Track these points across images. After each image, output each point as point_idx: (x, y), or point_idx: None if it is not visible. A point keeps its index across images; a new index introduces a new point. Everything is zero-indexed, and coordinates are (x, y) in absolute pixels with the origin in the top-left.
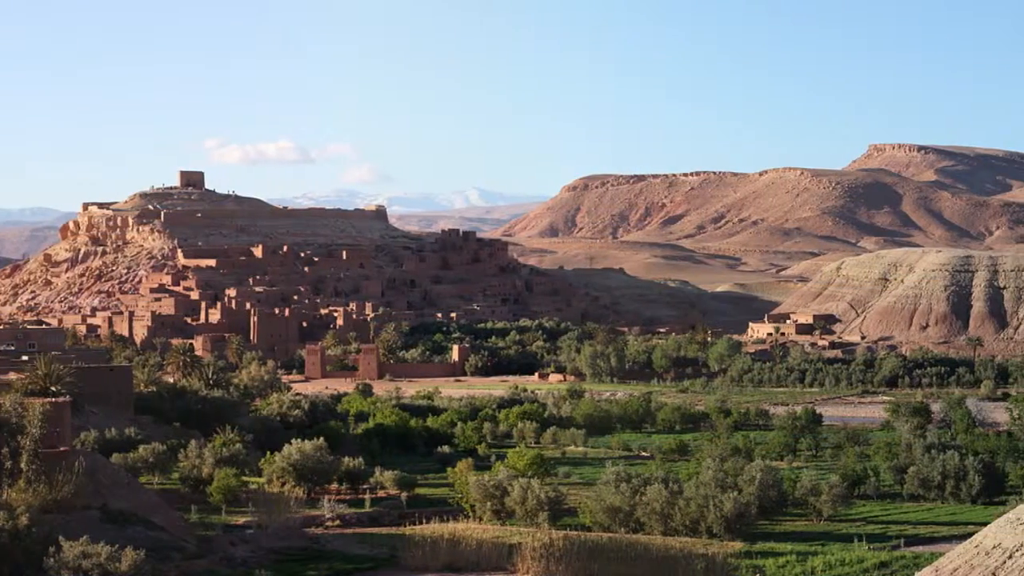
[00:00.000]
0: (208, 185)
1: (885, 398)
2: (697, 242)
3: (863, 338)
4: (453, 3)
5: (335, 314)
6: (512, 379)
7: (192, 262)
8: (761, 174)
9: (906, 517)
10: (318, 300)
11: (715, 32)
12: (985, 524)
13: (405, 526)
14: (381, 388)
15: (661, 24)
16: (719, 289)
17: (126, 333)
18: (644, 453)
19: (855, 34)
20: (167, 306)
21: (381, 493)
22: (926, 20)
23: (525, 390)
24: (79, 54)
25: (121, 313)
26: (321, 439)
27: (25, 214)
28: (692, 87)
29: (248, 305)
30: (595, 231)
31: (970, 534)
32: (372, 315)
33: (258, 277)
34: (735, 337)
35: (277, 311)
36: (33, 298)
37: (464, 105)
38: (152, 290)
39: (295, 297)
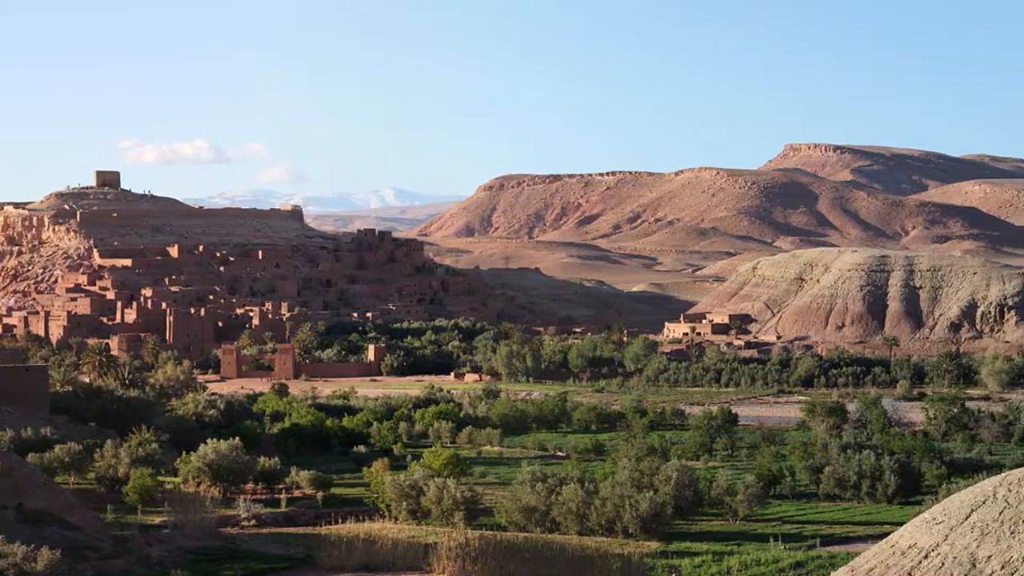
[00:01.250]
0: (124, 185)
1: (801, 398)
2: (613, 242)
3: (779, 338)
4: (368, 2)
5: (251, 314)
6: (428, 379)
7: (108, 262)
8: (677, 174)
9: (822, 517)
10: (234, 300)
11: (631, 31)
12: (901, 524)
13: (321, 526)
14: (297, 388)
15: (577, 23)
16: (635, 289)
17: (42, 333)
18: (560, 453)
19: (771, 34)
20: (83, 306)
21: (297, 493)
22: (842, 20)
23: (441, 390)
24: None
25: (37, 313)
26: (237, 439)
27: None
28: (608, 87)
29: (164, 305)
30: (511, 231)
31: (886, 534)
32: (288, 315)
33: (174, 277)
34: (651, 337)
35: (193, 311)
36: None
37: (379, 105)
38: (68, 290)
39: (211, 297)
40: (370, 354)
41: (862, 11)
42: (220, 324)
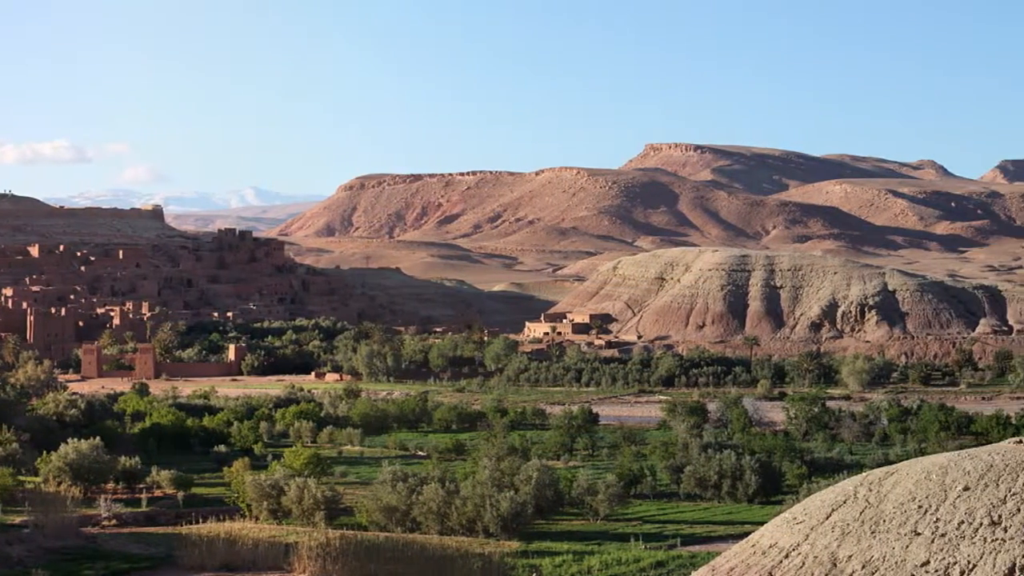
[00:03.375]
0: None
1: (661, 397)
2: (474, 241)
3: (640, 337)
4: (230, 2)
5: (112, 313)
6: (289, 378)
7: None
8: (537, 173)
9: (683, 516)
10: (95, 300)
11: (492, 31)
12: (761, 523)
13: (182, 525)
14: (158, 387)
15: (437, 23)
16: (496, 288)
17: None
18: (421, 452)
19: (630, 33)
20: None
21: (158, 492)
22: (702, 19)
23: (302, 389)
24: None
25: None
26: (97, 438)
27: None
28: (468, 86)
29: (24, 304)
30: (372, 230)
31: (746, 533)
32: (148, 315)
33: (34, 276)
34: (512, 336)
35: (53, 310)
36: None
37: (239, 105)
38: None
39: (71, 296)
40: (231, 354)
41: (722, 10)
42: (81, 324)
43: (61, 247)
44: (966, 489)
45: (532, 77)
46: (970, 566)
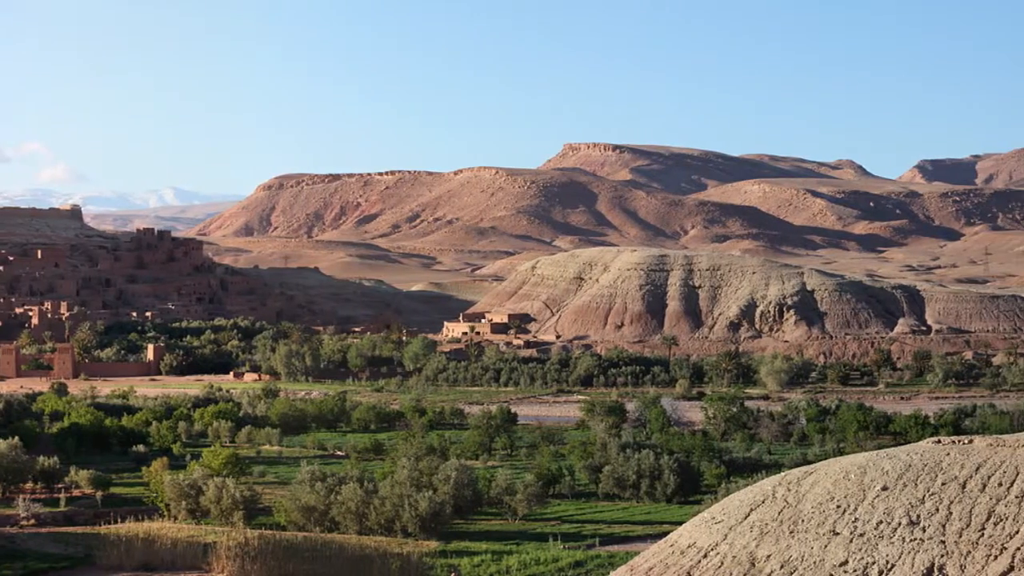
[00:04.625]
0: None
1: (580, 397)
2: (392, 241)
3: (558, 337)
4: (145, 1)
5: (30, 313)
6: (207, 378)
7: None
8: (456, 173)
9: (601, 516)
10: (13, 299)
11: (408, 30)
12: (680, 523)
13: (100, 525)
14: (76, 387)
15: (353, 22)
16: (414, 288)
17: None
18: (339, 452)
19: (549, 33)
20: None
21: (76, 492)
22: (619, 19)
23: (220, 389)
24: None
25: None
26: (16, 438)
27: None
28: (385, 86)
29: None
30: (290, 230)
31: (665, 533)
32: (67, 314)
33: None
34: (430, 336)
35: None
36: None
37: (158, 104)
38: None
39: None
40: (149, 353)
41: (638, 10)
42: None
43: None
44: (884, 489)
45: (451, 77)
46: (888, 566)
